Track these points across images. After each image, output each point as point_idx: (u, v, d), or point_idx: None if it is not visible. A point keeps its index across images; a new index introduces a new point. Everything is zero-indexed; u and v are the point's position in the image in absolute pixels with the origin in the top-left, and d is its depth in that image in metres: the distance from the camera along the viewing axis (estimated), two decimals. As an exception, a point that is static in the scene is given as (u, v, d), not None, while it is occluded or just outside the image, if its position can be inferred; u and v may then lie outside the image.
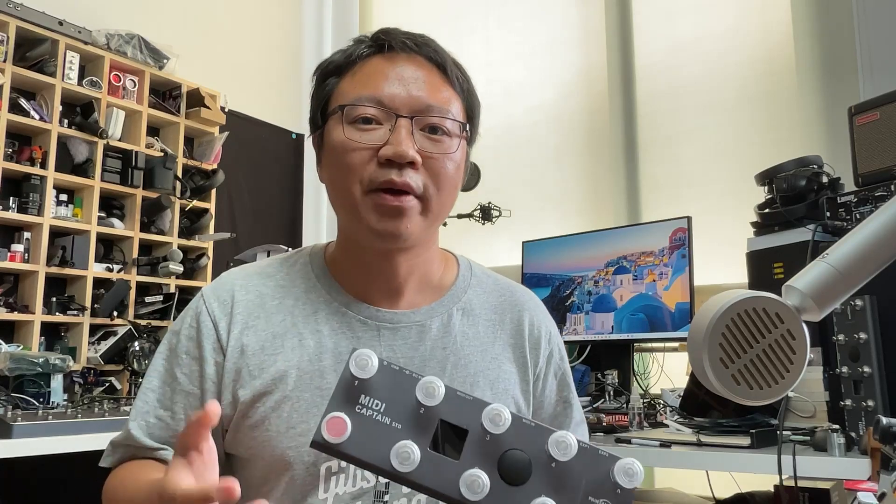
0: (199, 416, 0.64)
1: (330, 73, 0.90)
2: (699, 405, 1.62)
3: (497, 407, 0.62)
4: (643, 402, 1.93)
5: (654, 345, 2.26)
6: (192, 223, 2.93)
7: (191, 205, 2.93)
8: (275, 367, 0.86)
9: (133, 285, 2.68)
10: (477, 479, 0.60)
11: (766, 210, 1.82)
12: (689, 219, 2.04)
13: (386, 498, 0.82)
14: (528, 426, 0.63)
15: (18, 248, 2.43)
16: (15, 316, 2.39)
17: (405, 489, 0.83)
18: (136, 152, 2.72)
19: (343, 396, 0.63)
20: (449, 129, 0.86)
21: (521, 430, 0.63)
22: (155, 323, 2.66)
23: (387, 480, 0.82)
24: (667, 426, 1.68)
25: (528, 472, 0.61)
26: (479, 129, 0.96)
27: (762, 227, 1.83)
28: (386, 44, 0.87)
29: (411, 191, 0.83)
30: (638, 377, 2.21)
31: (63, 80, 2.55)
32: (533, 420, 0.65)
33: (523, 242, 2.49)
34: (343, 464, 0.83)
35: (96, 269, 2.60)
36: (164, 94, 2.94)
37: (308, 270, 0.94)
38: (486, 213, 2.48)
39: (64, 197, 2.60)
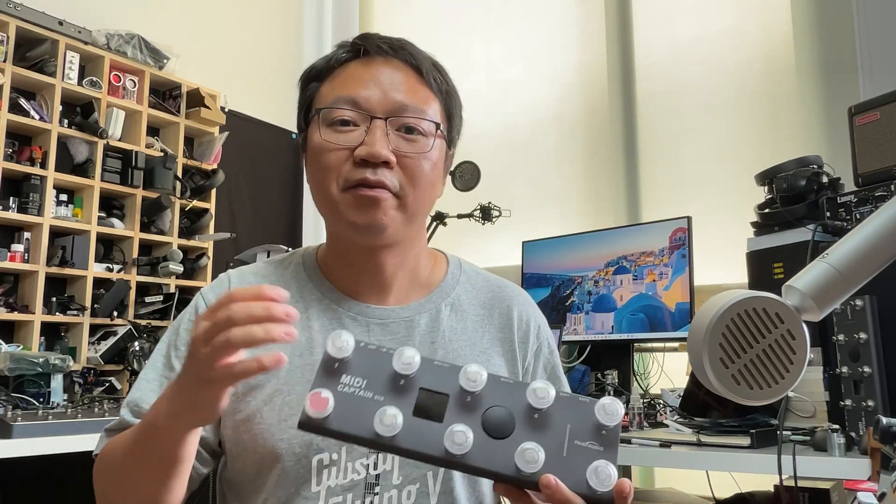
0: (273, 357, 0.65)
1: (312, 79, 0.93)
2: (699, 405, 1.62)
3: (472, 366, 0.65)
4: (643, 402, 1.93)
5: (654, 345, 2.26)
6: (192, 223, 2.93)
7: (191, 205, 2.93)
8: None
9: (133, 285, 2.68)
10: (460, 433, 0.61)
11: (766, 210, 1.82)
12: (689, 219, 2.04)
13: (377, 490, 0.84)
14: (506, 383, 0.66)
15: (18, 248, 2.43)
16: (15, 316, 2.39)
17: (395, 480, 0.84)
18: (136, 152, 2.72)
19: (324, 377, 0.66)
20: (425, 129, 0.88)
21: (499, 387, 0.65)
22: (155, 323, 2.66)
23: (377, 472, 0.84)
24: (667, 426, 1.68)
25: (511, 425, 0.63)
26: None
27: (762, 227, 1.83)
28: (362, 48, 0.90)
29: (386, 188, 0.85)
30: (638, 377, 2.21)
31: (63, 80, 2.55)
32: (510, 378, 0.66)
33: (523, 242, 2.49)
34: (334, 456, 0.84)
35: (96, 269, 2.60)
36: (164, 94, 2.94)
37: (300, 271, 0.97)
38: (486, 213, 2.48)
39: (64, 197, 2.60)
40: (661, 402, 1.97)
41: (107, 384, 2.44)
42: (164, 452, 0.75)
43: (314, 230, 3.60)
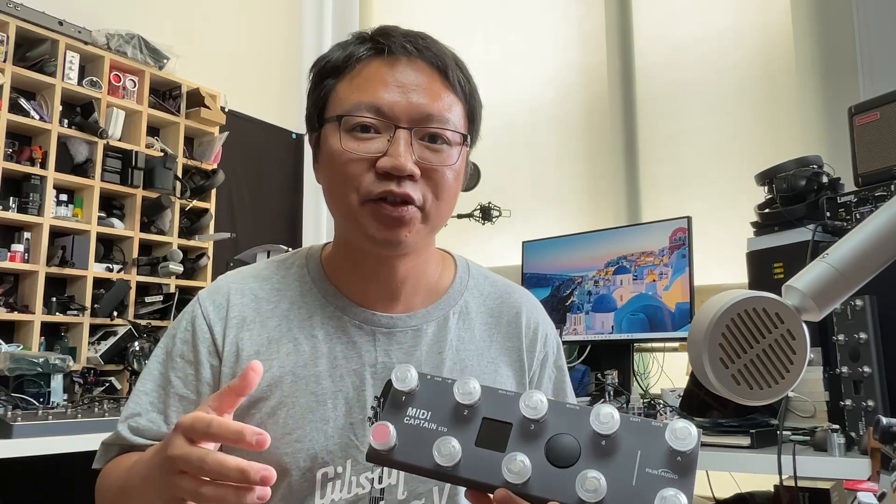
0: (241, 379, 0.66)
1: (327, 74, 0.87)
2: (699, 405, 1.62)
3: (532, 392, 0.63)
4: (643, 402, 1.93)
5: (654, 345, 2.26)
6: (192, 223, 2.93)
7: (191, 205, 2.93)
8: (270, 373, 0.85)
9: (133, 285, 2.68)
10: (516, 461, 0.59)
11: (766, 210, 1.82)
12: (689, 219, 2.04)
13: None
14: (570, 409, 0.64)
15: (18, 248, 2.43)
16: (15, 316, 2.39)
17: (400, 495, 0.82)
18: (136, 152, 2.72)
19: (391, 410, 0.66)
20: (449, 138, 0.84)
21: (563, 413, 0.64)
22: (155, 323, 2.66)
23: (382, 486, 0.82)
24: (667, 426, 1.68)
25: (576, 453, 0.61)
26: (481, 128, 0.95)
27: (762, 227, 1.83)
28: (386, 47, 0.85)
29: (411, 201, 0.81)
30: (638, 377, 2.21)
31: (63, 80, 2.55)
32: (572, 403, 0.65)
33: (523, 242, 2.49)
34: (339, 469, 0.82)
35: (96, 269, 2.60)
36: (164, 94, 2.94)
37: (304, 273, 0.93)
38: (486, 213, 2.48)
39: (64, 197, 2.60)
40: (661, 402, 1.97)
41: (107, 384, 2.44)
42: None
43: (314, 230, 3.59)
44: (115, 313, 2.59)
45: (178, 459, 0.63)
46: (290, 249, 1.05)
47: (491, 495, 0.60)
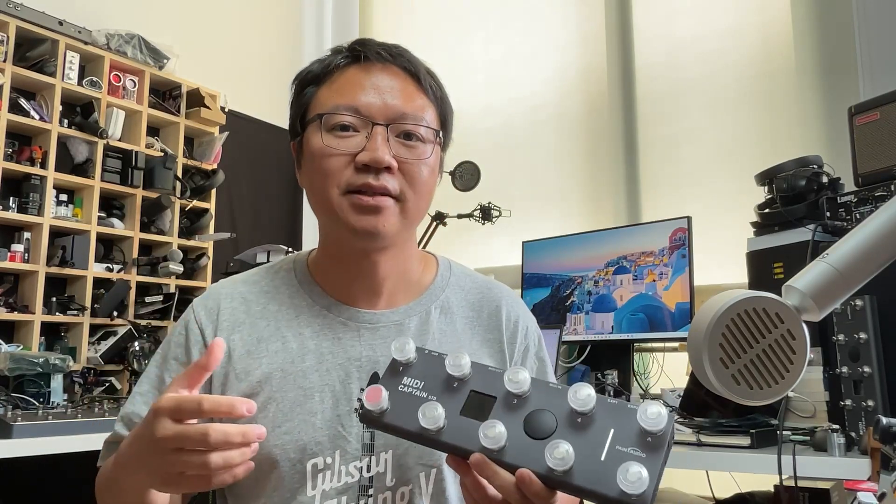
0: (207, 355, 0.70)
1: (308, 83, 0.93)
2: (699, 405, 1.62)
3: (518, 369, 0.69)
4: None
5: (654, 345, 2.26)
6: (192, 223, 2.93)
7: (191, 205, 2.93)
8: (260, 370, 0.89)
9: (133, 285, 2.68)
10: (492, 429, 0.64)
11: (766, 210, 1.82)
12: (689, 219, 2.04)
13: (370, 492, 0.86)
14: (552, 388, 0.69)
15: (18, 248, 2.43)
16: (15, 316, 2.39)
17: (388, 482, 0.86)
18: (136, 152, 2.72)
19: (388, 377, 0.72)
20: (423, 135, 0.90)
21: (544, 391, 0.68)
22: (155, 323, 2.66)
23: (370, 475, 0.86)
24: (667, 426, 1.68)
25: (552, 427, 0.65)
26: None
27: (762, 227, 1.83)
28: (362, 54, 0.91)
29: (388, 193, 0.86)
30: (638, 377, 2.21)
31: (63, 80, 2.55)
32: (554, 382, 0.70)
33: (523, 242, 2.49)
34: (328, 460, 0.86)
35: (96, 269, 2.60)
36: (164, 94, 2.94)
37: (291, 277, 0.98)
38: (486, 213, 2.48)
39: (64, 197, 2.60)
40: (662, 402, 1.97)
41: (107, 384, 2.44)
42: (131, 500, 0.77)
43: (314, 230, 3.58)
44: (115, 313, 2.59)
45: (171, 440, 0.66)
46: (291, 250, 1.08)
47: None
